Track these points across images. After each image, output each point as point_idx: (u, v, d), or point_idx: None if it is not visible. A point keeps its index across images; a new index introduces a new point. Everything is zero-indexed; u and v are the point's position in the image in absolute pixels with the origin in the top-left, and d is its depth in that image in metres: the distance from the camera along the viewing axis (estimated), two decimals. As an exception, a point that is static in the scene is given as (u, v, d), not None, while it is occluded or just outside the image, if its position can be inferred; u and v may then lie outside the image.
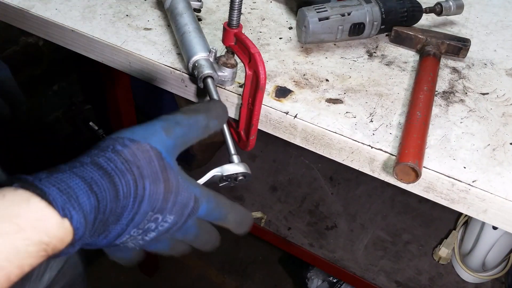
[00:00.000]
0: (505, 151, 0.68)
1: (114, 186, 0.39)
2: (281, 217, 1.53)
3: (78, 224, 0.36)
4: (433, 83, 0.75)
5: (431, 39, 0.83)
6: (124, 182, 0.40)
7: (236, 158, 0.57)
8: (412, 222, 1.54)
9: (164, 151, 0.44)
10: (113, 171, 0.39)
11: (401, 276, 1.40)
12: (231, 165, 0.56)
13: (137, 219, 0.41)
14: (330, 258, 1.44)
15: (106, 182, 0.38)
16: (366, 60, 0.83)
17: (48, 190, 0.35)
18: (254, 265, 1.84)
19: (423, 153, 0.64)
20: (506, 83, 0.81)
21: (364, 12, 0.82)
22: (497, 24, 0.95)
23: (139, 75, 0.84)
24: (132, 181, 0.40)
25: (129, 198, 0.40)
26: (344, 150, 0.69)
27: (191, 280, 1.78)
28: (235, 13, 0.66)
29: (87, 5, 0.91)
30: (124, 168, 0.40)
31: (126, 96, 1.48)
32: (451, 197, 0.65)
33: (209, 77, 0.67)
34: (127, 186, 0.40)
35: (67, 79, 1.91)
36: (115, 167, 0.40)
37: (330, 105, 0.73)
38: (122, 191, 0.39)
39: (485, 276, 1.38)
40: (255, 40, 0.86)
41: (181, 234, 0.48)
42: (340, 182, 1.65)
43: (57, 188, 0.36)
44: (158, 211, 0.43)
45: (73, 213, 0.36)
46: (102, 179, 0.38)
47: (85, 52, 0.88)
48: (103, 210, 0.38)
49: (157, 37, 0.85)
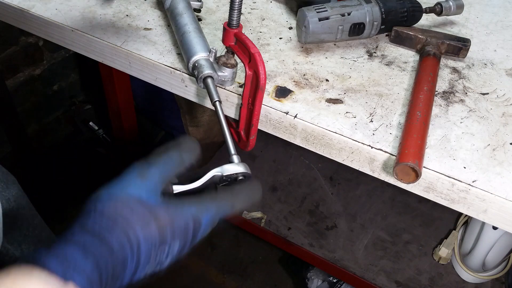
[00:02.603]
0: (505, 151, 0.68)
1: (106, 243, 0.42)
2: (281, 217, 1.53)
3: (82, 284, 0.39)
4: (433, 83, 0.75)
5: (431, 39, 0.83)
6: (114, 237, 0.43)
7: (236, 158, 0.57)
8: (412, 222, 1.54)
9: (144, 194, 0.46)
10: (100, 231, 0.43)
11: (401, 276, 1.40)
12: (231, 165, 0.55)
13: (143, 260, 0.45)
14: (330, 258, 1.44)
15: (97, 242, 0.42)
16: (366, 60, 0.83)
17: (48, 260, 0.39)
18: (254, 265, 1.84)
19: (423, 153, 0.64)
20: (506, 83, 0.81)
21: (364, 12, 0.82)
22: (497, 24, 0.95)
23: (139, 75, 0.84)
24: (122, 232, 0.43)
25: (125, 249, 0.43)
26: (344, 150, 0.69)
27: (191, 280, 1.78)
28: (235, 13, 0.66)
29: (87, 5, 0.91)
30: (109, 224, 0.43)
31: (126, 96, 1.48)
32: (451, 197, 0.65)
33: (209, 77, 0.67)
34: (117, 239, 0.43)
35: (67, 79, 1.91)
36: (100, 226, 0.43)
37: (330, 105, 0.73)
38: (116, 245, 0.43)
39: (485, 276, 1.38)
40: (255, 40, 0.86)
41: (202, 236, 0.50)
42: (340, 182, 1.65)
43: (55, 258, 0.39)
44: (161, 244, 0.46)
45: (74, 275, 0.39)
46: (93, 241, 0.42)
47: (85, 52, 0.88)
48: (104, 266, 0.41)
49: (157, 37, 0.85)
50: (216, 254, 1.86)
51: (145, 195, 0.46)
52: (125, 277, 0.44)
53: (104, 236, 0.42)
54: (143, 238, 0.44)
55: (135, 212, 0.44)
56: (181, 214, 0.47)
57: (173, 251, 0.47)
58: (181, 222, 0.47)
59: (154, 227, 0.45)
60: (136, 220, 0.44)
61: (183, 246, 0.48)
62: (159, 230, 0.45)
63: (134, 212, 0.45)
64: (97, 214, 0.44)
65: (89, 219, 0.44)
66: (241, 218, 1.53)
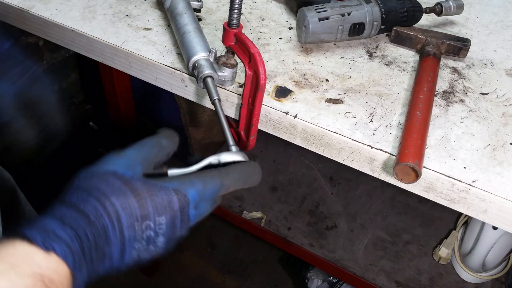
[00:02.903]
0: (505, 151, 0.68)
1: (82, 212, 0.43)
2: (281, 217, 1.53)
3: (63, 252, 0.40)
4: (433, 83, 0.75)
5: (431, 39, 0.83)
6: (90, 206, 0.43)
7: (234, 148, 0.57)
8: (412, 222, 1.54)
9: (121, 169, 0.47)
10: (76, 201, 0.44)
11: (401, 276, 1.40)
12: (229, 153, 0.54)
13: (127, 233, 0.44)
14: (330, 258, 1.44)
15: (73, 212, 0.43)
16: (366, 60, 0.83)
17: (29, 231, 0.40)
18: (254, 265, 1.84)
19: (423, 153, 0.64)
20: (506, 83, 0.81)
21: (364, 12, 0.82)
22: (497, 24, 0.95)
23: (139, 75, 0.84)
24: (97, 202, 0.44)
25: (102, 218, 0.43)
26: (344, 150, 0.69)
27: (191, 280, 1.78)
28: (235, 13, 0.66)
29: (87, 5, 0.91)
30: (84, 195, 0.44)
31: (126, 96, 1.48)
32: (451, 197, 0.65)
33: (209, 77, 0.67)
34: (94, 208, 0.43)
35: (67, 79, 1.91)
36: (77, 197, 0.44)
37: (330, 105, 0.73)
38: (92, 214, 0.43)
39: (485, 276, 1.38)
40: (255, 40, 0.86)
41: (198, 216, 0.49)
42: (340, 182, 1.65)
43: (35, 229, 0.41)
44: (143, 218, 0.45)
45: (53, 245, 0.40)
46: (68, 211, 0.43)
47: (85, 52, 0.88)
48: (84, 237, 0.42)
49: (157, 37, 0.85)
50: (216, 254, 1.86)
51: (121, 169, 0.47)
52: (113, 254, 0.44)
53: (79, 206, 0.43)
54: (121, 208, 0.44)
55: (110, 184, 0.45)
56: (161, 187, 0.47)
57: (161, 227, 0.46)
58: (162, 194, 0.46)
59: (132, 198, 0.45)
60: (111, 190, 0.44)
61: (172, 223, 0.47)
62: (138, 202, 0.45)
63: (109, 184, 0.45)
64: (73, 188, 0.45)
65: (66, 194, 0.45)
66: (241, 218, 1.53)
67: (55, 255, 0.40)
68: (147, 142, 0.51)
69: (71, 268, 0.41)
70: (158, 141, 0.52)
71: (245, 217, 1.52)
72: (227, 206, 1.54)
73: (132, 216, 0.44)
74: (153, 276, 1.76)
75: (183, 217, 0.47)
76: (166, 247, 0.48)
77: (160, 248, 0.47)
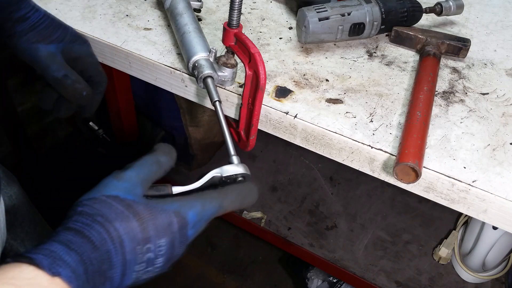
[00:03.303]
0: (505, 151, 0.68)
1: (87, 238, 0.44)
2: (281, 217, 1.53)
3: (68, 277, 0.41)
4: (433, 83, 0.75)
5: (431, 39, 0.83)
6: (94, 232, 0.44)
7: (235, 159, 0.57)
8: (412, 222, 1.54)
9: (122, 193, 0.47)
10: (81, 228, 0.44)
11: (401, 276, 1.40)
12: (230, 166, 0.56)
13: (129, 257, 0.45)
14: (330, 258, 1.44)
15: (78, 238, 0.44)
16: (366, 60, 0.83)
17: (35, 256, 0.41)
18: (254, 265, 1.84)
19: (423, 153, 0.64)
20: (506, 83, 0.81)
21: (364, 12, 0.82)
22: (497, 24, 0.95)
23: (139, 75, 0.84)
24: (101, 227, 0.44)
25: (106, 244, 0.44)
26: (344, 150, 0.69)
27: (191, 280, 1.78)
28: (235, 13, 0.66)
29: (87, 5, 0.91)
30: (88, 221, 0.45)
31: (126, 96, 1.48)
32: (451, 197, 0.65)
33: (209, 77, 0.67)
34: (98, 234, 0.44)
35: (67, 79, 1.90)
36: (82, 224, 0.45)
37: (330, 105, 0.73)
38: (97, 240, 0.44)
39: (485, 276, 1.38)
40: (255, 40, 0.86)
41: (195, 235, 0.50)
42: (340, 182, 1.65)
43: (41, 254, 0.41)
44: (145, 241, 0.46)
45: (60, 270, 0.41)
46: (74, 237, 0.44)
47: (85, 52, 0.88)
48: (89, 262, 0.43)
49: (157, 37, 0.85)
50: (216, 254, 1.86)
51: (123, 194, 0.47)
52: (114, 277, 0.45)
53: (84, 232, 0.44)
54: (125, 233, 0.45)
55: (113, 209, 0.45)
56: (162, 210, 0.47)
57: (161, 250, 0.47)
58: (163, 217, 0.47)
59: (135, 222, 0.45)
60: (115, 216, 0.45)
61: (171, 244, 0.48)
62: (140, 226, 0.45)
63: (112, 209, 0.45)
64: (77, 214, 0.46)
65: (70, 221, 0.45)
66: (241, 218, 1.53)
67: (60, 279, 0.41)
68: (146, 161, 0.52)
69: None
70: (157, 159, 0.53)
71: (245, 217, 1.52)
72: (227, 206, 1.54)
73: (134, 240, 0.45)
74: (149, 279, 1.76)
75: (182, 238, 0.48)
76: (164, 267, 0.49)
77: (158, 268, 0.49)
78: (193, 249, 1.87)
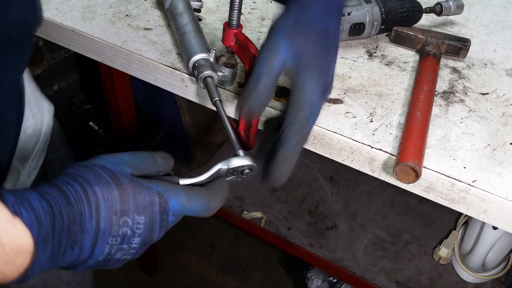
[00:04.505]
0: (505, 151, 0.68)
1: (64, 193, 0.42)
2: (281, 217, 1.53)
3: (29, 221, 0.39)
4: (433, 83, 0.75)
5: (431, 39, 0.83)
6: (72, 189, 0.43)
7: (241, 152, 0.58)
8: (412, 222, 1.54)
9: (110, 165, 0.47)
10: (59, 183, 0.43)
11: (401, 276, 1.40)
12: (236, 158, 0.56)
13: (103, 225, 0.43)
14: (330, 258, 1.44)
15: (54, 191, 0.42)
16: (366, 60, 0.83)
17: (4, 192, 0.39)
18: (254, 265, 1.84)
19: (423, 153, 0.64)
20: (506, 83, 0.81)
21: (364, 12, 0.82)
22: (497, 24, 0.95)
23: (139, 75, 0.84)
24: (80, 188, 0.43)
25: (82, 203, 0.42)
26: (344, 150, 0.69)
27: (191, 280, 1.78)
28: (235, 13, 0.66)
29: (87, 5, 0.91)
30: (69, 180, 0.44)
31: (126, 96, 1.48)
32: (451, 197, 0.65)
33: (209, 77, 0.67)
34: (76, 193, 0.43)
35: (67, 79, 1.91)
36: (62, 180, 0.44)
37: (330, 105, 0.73)
38: (73, 197, 0.42)
39: (485, 276, 1.38)
40: (255, 40, 0.86)
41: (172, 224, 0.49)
42: (340, 182, 1.65)
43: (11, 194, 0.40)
44: (122, 213, 0.44)
45: (22, 211, 0.39)
46: (51, 189, 0.42)
47: (85, 52, 0.88)
48: (59, 215, 0.41)
49: (157, 37, 0.85)
50: (216, 254, 1.86)
51: (111, 165, 0.46)
52: (84, 242, 0.43)
53: (62, 187, 0.43)
54: (103, 199, 0.43)
55: (97, 175, 0.45)
56: (146, 187, 0.46)
57: (139, 228, 0.45)
58: (145, 194, 0.46)
59: (115, 191, 0.44)
60: (97, 181, 0.44)
61: (150, 225, 0.46)
62: (121, 196, 0.44)
63: (96, 174, 0.45)
64: (61, 174, 0.45)
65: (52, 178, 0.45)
66: (241, 218, 1.53)
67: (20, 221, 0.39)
68: (142, 153, 0.51)
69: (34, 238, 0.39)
70: (153, 156, 0.52)
71: (245, 217, 1.52)
72: (227, 206, 1.54)
73: (111, 209, 0.44)
74: (153, 276, 1.76)
75: (162, 221, 0.47)
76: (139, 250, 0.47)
77: (133, 250, 0.47)
78: (193, 249, 1.87)
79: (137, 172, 0.49)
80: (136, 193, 0.45)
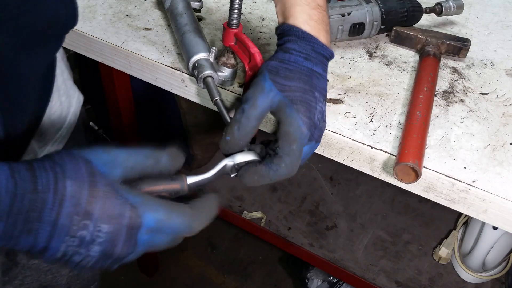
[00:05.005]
0: (505, 151, 0.68)
1: (34, 178, 0.42)
2: (281, 217, 1.53)
3: None
4: (433, 83, 0.75)
5: (431, 39, 0.83)
6: (45, 177, 0.42)
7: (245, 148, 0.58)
8: (412, 222, 1.54)
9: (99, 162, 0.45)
10: (37, 167, 0.42)
11: (401, 276, 1.40)
12: (241, 154, 0.57)
13: (62, 221, 0.42)
14: (330, 258, 1.44)
15: (28, 174, 0.42)
16: (366, 60, 0.83)
17: None
18: (254, 265, 1.84)
19: (423, 153, 0.64)
20: (506, 83, 0.81)
21: (364, 12, 0.82)
22: (497, 24, 0.95)
23: (139, 75, 0.84)
24: (53, 177, 0.42)
25: (47, 193, 0.41)
26: (344, 150, 0.69)
27: (191, 280, 1.78)
28: (235, 13, 0.66)
29: (87, 5, 0.91)
30: (47, 166, 0.43)
31: (126, 96, 1.48)
32: (451, 197, 0.65)
33: (209, 77, 0.67)
34: (46, 181, 0.42)
35: (67, 79, 1.90)
36: (41, 165, 0.43)
37: (330, 105, 0.73)
38: (41, 184, 0.41)
39: (485, 276, 1.38)
40: (255, 40, 0.86)
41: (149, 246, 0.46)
42: (340, 182, 1.65)
43: None
44: (85, 216, 0.42)
45: None
46: (25, 171, 0.42)
47: (85, 52, 0.88)
48: (20, 198, 0.40)
49: (157, 37, 0.85)
50: (216, 254, 1.86)
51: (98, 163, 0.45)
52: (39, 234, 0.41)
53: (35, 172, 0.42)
54: (70, 196, 0.42)
55: (76, 168, 0.43)
56: (121, 197, 0.44)
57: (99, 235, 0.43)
58: (116, 204, 0.43)
59: (86, 191, 0.42)
60: (73, 175, 0.43)
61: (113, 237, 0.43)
62: (89, 198, 0.42)
63: (76, 168, 0.43)
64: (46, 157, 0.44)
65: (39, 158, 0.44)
66: (241, 218, 1.53)
67: None
68: (144, 151, 0.49)
69: None
70: (157, 156, 0.50)
71: (245, 217, 1.52)
72: (227, 206, 1.54)
73: (75, 207, 0.42)
74: (153, 276, 1.76)
75: (128, 237, 0.44)
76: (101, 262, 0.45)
77: (92, 258, 0.44)
78: (193, 249, 1.87)
79: (131, 174, 0.47)
80: (107, 200, 0.43)
